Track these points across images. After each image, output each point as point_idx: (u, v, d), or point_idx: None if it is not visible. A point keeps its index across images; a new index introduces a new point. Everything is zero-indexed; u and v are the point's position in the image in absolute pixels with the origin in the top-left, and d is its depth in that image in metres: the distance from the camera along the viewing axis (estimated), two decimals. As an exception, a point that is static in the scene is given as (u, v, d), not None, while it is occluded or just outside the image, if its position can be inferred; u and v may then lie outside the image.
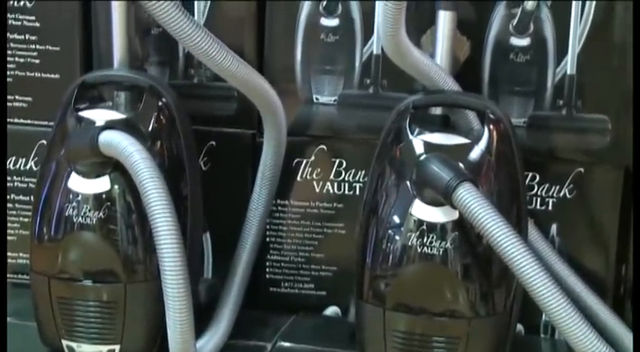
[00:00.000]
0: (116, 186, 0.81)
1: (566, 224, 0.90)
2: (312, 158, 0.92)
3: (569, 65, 0.88)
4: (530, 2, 0.86)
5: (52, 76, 0.92)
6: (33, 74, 0.93)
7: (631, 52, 0.86)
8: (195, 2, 0.91)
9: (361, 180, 0.91)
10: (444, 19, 0.84)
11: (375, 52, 0.90)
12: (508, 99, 0.89)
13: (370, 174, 0.82)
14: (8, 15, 0.91)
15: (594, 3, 0.86)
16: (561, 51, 0.88)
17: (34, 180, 0.86)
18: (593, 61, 0.87)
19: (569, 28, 0.87)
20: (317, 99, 0.91)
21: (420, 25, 0.88)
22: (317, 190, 0.92)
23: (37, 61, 0.92)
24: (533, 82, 0.88)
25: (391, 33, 0.77)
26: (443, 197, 0.76)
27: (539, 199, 0.90)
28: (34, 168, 0.93)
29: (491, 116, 0.81)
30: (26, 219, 0.93)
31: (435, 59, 0.84)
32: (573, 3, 0.87)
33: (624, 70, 0.87)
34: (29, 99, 0.93)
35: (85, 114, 0.83)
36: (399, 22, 0.77)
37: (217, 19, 0.90)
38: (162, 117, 0.84)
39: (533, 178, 0.89)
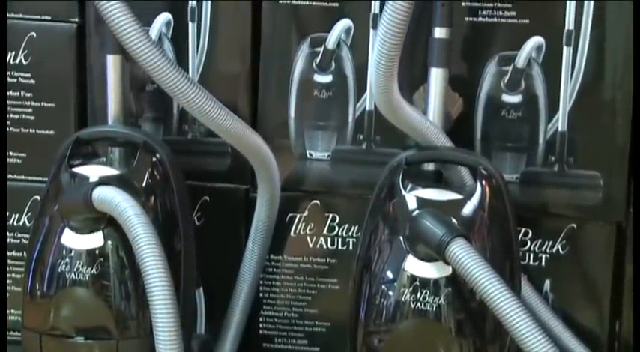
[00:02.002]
0: (109, 242, 0.81)
1: (560, 280, 0.90)
2: (306, 213, 0.92)
3: (561, 122, 0.88)
4: (521, 60, 0.87)
5: (47, 132, 0.93)
6: (28, 130, 0.93)
7: (621, 108, 0.87)
8: (190, 60, 0.91)
9: (355, 235, 0.91)
10: (436, 76, 0.84)
11: (367, 108, 0.90)
12: (500, 155, 0.89)
13: (363, 230, 0.82)
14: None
15: (584, 61, 0.87)
16: (553, 107, 0.88)
17: (27, 235, 0.86)
18: (584, 117, 0.88)
19: (559, 85, 0.88)
20: (310, 154, 0.92)
21: (412, 82, 0.89)
22: (310, 245, 0.92)
23: (32, 118, 0.93)
24: (525, 138, 0.89)
25: (384, 90, 0.78)
26: (436, 252, 0.76)
27: (532, 255, 0.90)
28: (28, 224, 0.93)
29: (484, 172, 0.81)
30: (18, 275, 0.93)
31: (428, 115, 0.84)
32: (564, 61, 0.87)
33: (615, 126, 0.87)
34: (23, 155, 0.94)
35: (79, 170, 0.84)
36: (391, 79, 0.77)
37: (211, 76, 0.91)
38: (156, 172, 0.84)
39: (526, 234, 0.90)
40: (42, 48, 0.92)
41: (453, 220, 0.78)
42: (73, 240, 0.81)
